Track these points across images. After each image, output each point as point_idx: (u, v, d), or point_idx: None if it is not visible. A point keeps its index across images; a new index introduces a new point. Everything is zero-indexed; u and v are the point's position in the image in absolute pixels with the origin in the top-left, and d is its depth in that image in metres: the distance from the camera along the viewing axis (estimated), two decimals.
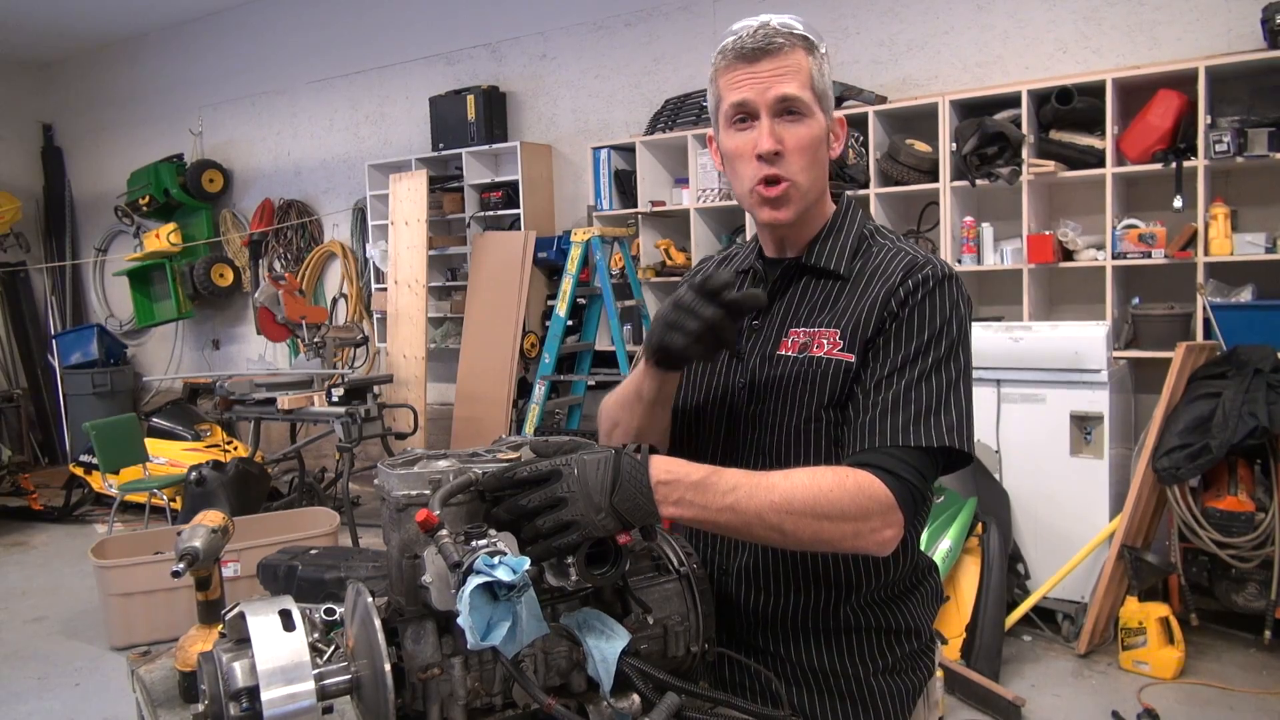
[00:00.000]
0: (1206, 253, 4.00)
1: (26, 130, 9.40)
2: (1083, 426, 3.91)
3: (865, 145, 4.79)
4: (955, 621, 3.68)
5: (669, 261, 5.57)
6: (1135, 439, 4.14)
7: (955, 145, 4.47)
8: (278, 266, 7.67)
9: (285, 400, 5.56)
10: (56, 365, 8.37)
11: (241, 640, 1.00)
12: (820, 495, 1.12)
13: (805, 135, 1.25)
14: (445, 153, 6.46)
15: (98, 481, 6.33)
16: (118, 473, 5.83)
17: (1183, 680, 3.47)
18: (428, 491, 1.03)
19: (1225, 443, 3.46)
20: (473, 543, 0.95)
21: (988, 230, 4.56)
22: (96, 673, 4.03)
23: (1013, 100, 4.40)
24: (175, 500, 5.78)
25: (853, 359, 1.24)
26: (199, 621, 1.83)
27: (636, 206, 5.60)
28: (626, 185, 5.70)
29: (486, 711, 1.06)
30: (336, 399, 5.38)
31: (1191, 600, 3.67)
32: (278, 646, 0.98)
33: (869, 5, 5.14)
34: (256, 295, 6.53)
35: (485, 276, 6.21)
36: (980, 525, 3.83)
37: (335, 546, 4.12)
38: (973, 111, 4.53)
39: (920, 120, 4.75)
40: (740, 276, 1.37)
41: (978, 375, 1.29)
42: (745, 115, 1.26)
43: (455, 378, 6.36)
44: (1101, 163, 4.20)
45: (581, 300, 5.84)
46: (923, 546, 1.41)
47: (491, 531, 0.98)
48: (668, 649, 1.16)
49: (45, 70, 9.47)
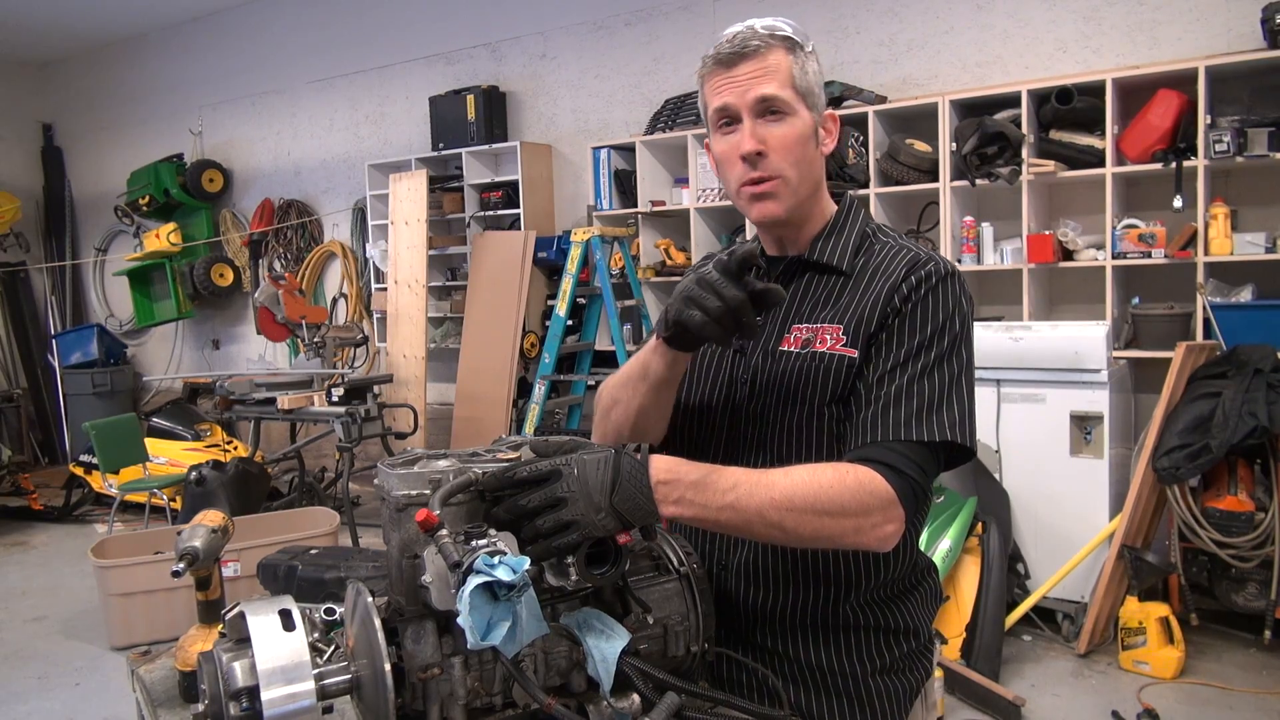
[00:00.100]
0: (1206, 252, 4.00)
1: (26, 130, 9.40)
2: (1083, 426, 3.91)
3: (865, 145, 4.79)
4: (955, 621, 3.68)
5: (669, 261, 5.57)
6: (1135, 439, 4.13)
7: (955, 145, 4.47)
8: (278, 266, 7.66)
9: (285, 400, 5.56)
10: (56, 365, 8.36)
11: (241, 640, 1.00)
12: (820, 491, 1.12)
13: (789, 133, 1.26)
14: (445, 152, 6.46)
15: (98, 481, 6.33)
16: (118, 472, 5.83)
17: (1183, 680, 3.47)
18: (428, 491, 1.03)
19: (1225, 442, 3.45)
20: (473, 542, 0.95)
21: (988, 230, 4.56)
22: (96, 673, 4.03)
23: (1013, 100, 4.40)
24: (175, 500, 5.78)
25: (856, 354, 1.24)
26: (199, 621, 1.84)
27: (636, 206, 5.60)
28: (626, 185, 5.70)
29: (486, 711, 1.06)
30: (336, 399, 5.38)
31: (1191, 600, 3.67)
32: (278, 646, 0.98)
33: (869, 5, 5.13)
34: (256, 295, 6.53)
35: (485, 276, 6.20)
36: (980, 525, 3.83)
37: (335, 546, 4.11)
38: (973, 111, 4.53)
39: (920, 120, 4.75)
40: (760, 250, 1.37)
41: (978, 375, 1.29)
42: (729, 119, 1.28)
43: (455, 377, 6.36)
44: (1101, 162, 4.20)
45: (581, 300, 5.84)
46: (923, 546, 1.41)
47: (491, 531, 0.98)
48: (668, 649, 1.16)
49: (45, 70, 9.47)
